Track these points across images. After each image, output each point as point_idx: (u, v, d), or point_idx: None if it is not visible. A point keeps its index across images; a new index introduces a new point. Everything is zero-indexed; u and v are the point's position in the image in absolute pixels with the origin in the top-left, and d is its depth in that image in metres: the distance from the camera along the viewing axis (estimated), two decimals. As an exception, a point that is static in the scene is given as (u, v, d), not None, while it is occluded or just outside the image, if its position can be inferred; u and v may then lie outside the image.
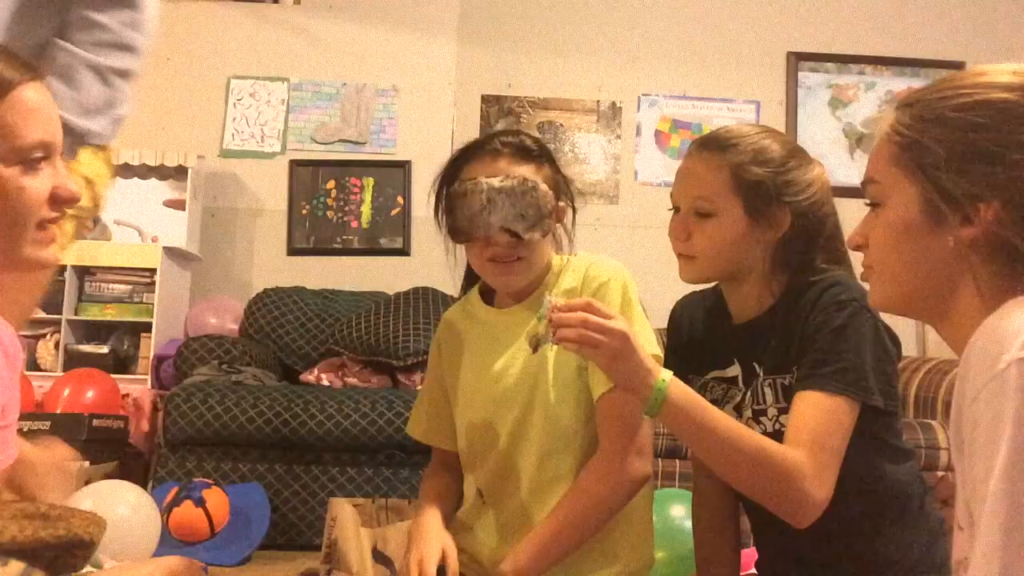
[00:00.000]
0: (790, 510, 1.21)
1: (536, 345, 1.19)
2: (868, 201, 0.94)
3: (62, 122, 1.04)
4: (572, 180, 1.49)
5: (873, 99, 4.45)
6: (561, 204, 1.45)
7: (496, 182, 1.36)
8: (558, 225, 1.45)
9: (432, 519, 1.43)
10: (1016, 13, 4.52)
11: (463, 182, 1.39)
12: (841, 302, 1.26)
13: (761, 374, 1.36)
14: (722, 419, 1.19)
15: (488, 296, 1.55)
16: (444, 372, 1.55)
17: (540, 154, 1.42)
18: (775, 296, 1.37)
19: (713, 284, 1.47)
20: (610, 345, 1.13)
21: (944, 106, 0.86)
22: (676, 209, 1.39)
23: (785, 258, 1.35)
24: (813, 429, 1.21)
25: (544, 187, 1.38)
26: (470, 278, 1.56)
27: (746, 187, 1.32)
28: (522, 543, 1.33)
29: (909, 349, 4.21)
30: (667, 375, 1.17)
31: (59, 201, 0.98)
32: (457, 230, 1.40)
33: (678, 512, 2.38)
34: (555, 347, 1.26)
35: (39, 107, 0.94)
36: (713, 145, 1.36)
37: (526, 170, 1.39)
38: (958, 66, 4.40)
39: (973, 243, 0.84)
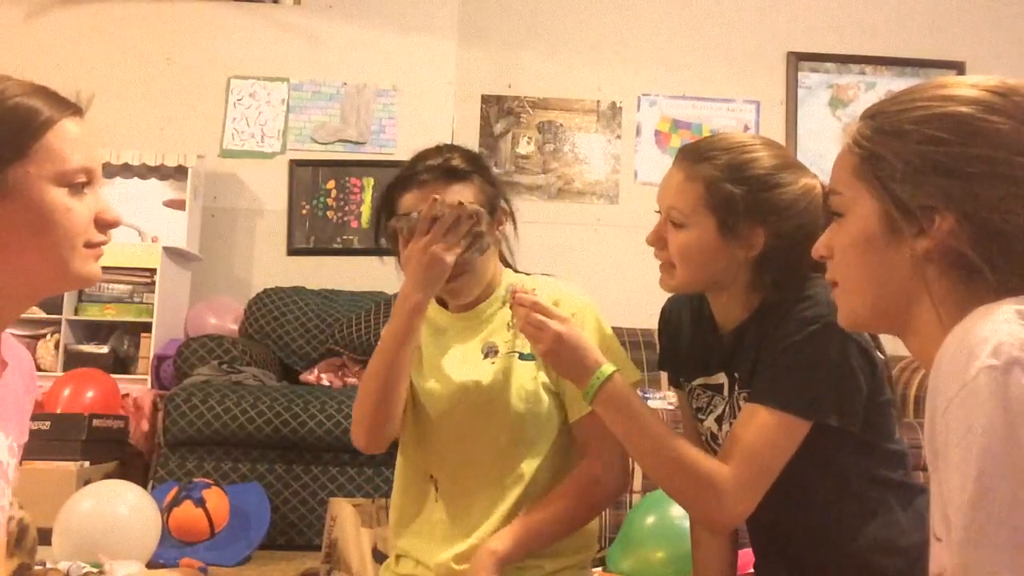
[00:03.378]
0: (703, 518, 1.27)
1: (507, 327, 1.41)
2: (832, 212, 0.94)
3: None
4: (505, 187, 1.55)
5: (873, 99, 4.38)
6: (502, 206, 1.50)
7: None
8: (499, 230, 1.51)
9: None
10: (1016, 13, 4.52)
11: (399, 217, 1.45)
12: (805, 319, 1.24)
13: (737, 387, 1.36)
14: (654, 423, 1.24)
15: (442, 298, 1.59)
16: None
17: (466, 172, 1.45)
18: (749, 310, 1.35)
19: None
20: (545, 341, 1.25)
21: (903, 119, 0.86)
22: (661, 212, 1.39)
23: (762, 276, 1.32)
24: (746, 444, 1.22)
25: (475, 207, 1.41)
26: None
27: (718, 203, 1.28)
28: (506, 529, 1.39)
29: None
30: (605, 372, 1.24)
31: (103, 224, 1.07)
32: (403, 262, 1.45)
33: (678, 512, 2.38)
34: (519, 360, 1.44)
35: (81, 137, 1.05)
36: (692, 155, 1.33)
37: (456, 191, 1.42)
38: (958, 66, 4.41)
39: (928, 255, 0.84)
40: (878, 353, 1.30)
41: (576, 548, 1.48)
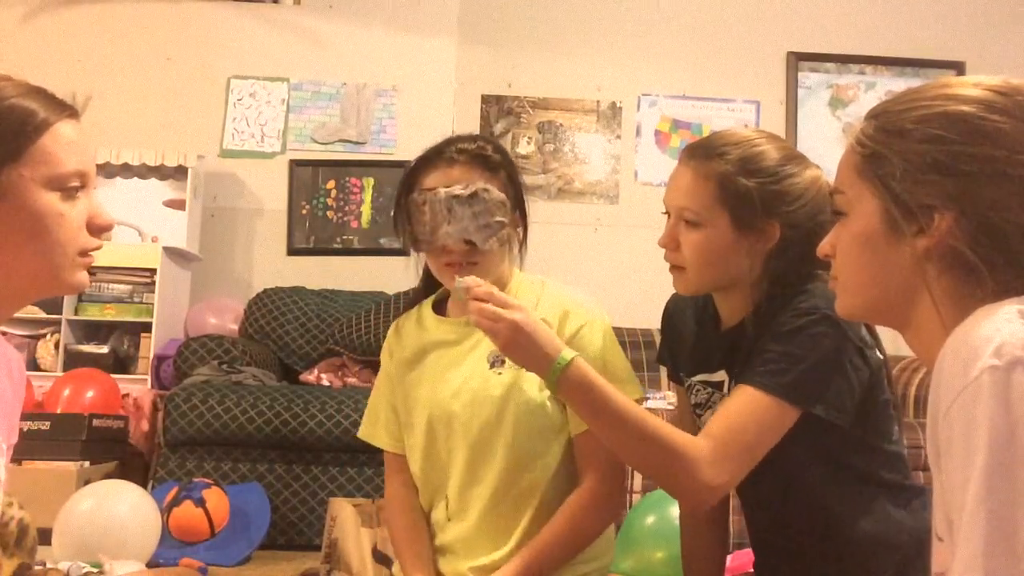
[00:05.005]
0: (678, 491, 1.24)
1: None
2: (835, 211, 0.94)
3: None
4: (526, 186, 1.51)
5: (873, 99, 4.45)
6: (522, 210, 1.46)
7: (455, 190, 1.37)
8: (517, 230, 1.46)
9: None
10: (1016, 13, 4.52)
11: (422, 192, 1.41)
12: (801, 310, 1.25)
13: (734, 382, 1.35)
14: (621, 402, 1.20)
15: (441, 306, 1.55)
16: (395, 382, 1.55)
17: (497, 163, 1.43)
18: (753, 306, 1.34)
19: None
20: (503, 333, 1.18)
21: (905, 118, 0.86)
22: (668, 213, 1.39)
23: (776, 269, 1.32)
24: (728, 420, 1.22)
25: (501, 196, 1.39)
26: (428, 279, 1.56)
27: (733, 198, 1.28)
28: (511, 562, 1.36)
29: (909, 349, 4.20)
30: (566, 357, 1.18)
31: (96, 229, 1.06)
32: (416, 240, 1.42)
33: (678, 512, 2.38)
34: (527, 372, 1.34)
35: (76, 140, 1.04)
36: (701, 153, 1.33)
37: (483, 178, 1.39)
38: (958, 66, 4.41)
39: (928, 254, 0.84)
40: (877, 352, 1.30)
41: (594, 556, 1.45)
